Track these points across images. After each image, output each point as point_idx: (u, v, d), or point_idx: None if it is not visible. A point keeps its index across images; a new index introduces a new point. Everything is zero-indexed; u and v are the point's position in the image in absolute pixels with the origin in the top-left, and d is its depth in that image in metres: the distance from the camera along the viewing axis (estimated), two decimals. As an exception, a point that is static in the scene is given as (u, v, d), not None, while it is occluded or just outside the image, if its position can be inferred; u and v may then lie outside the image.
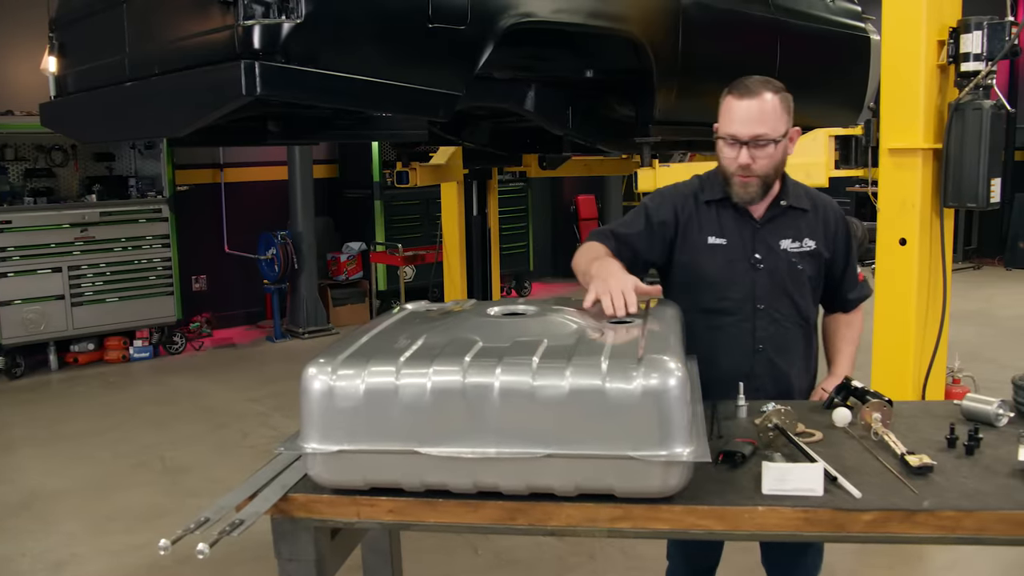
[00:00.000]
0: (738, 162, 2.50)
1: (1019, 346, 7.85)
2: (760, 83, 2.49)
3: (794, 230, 2.63)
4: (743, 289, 2.61)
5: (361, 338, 2.10)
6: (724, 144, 2.53)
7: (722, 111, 2.53)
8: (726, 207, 2.64)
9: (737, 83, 2.52)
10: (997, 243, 12.52)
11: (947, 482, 1.94)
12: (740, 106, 2.47)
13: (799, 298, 2.64)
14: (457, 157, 6.88)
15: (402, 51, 3.34)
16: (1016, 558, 3.89)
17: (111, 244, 7.92)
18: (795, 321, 2.65)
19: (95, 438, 5.98)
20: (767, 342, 2.62)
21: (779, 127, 2.48)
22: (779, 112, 2.48)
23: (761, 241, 2.62)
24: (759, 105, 2.45)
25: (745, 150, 2.47)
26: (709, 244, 2.64)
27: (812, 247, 2.63)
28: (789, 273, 2.62)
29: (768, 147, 2.47)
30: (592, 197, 12.35)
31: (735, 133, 2.48)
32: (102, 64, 3.75)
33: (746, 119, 2.45)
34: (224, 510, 1.89)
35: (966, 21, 4.34)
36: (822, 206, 2.68)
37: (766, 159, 2.49)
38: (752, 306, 2.61)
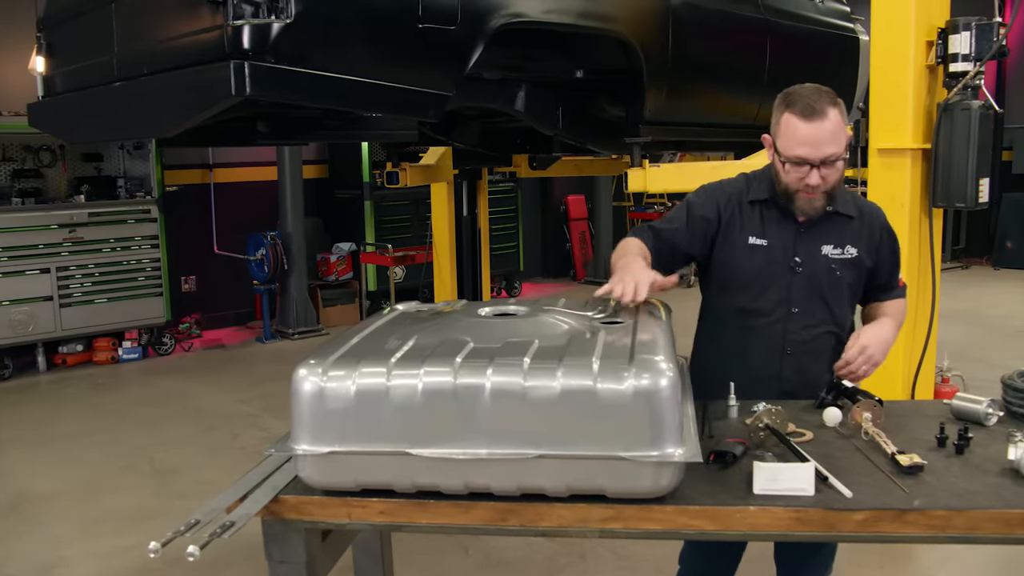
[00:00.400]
0: (807, 183, 2.45)
1: (1007, 345, 7.88)
2: (819, 97, 2.40)
3: (837, 236, 2.58)
4: (779, 291, 2.58)
5: (352, 339, 2.09)
6: (791, 166, 2.46)
7: (783, 130, 2.45)
8: (770, 207, 2.61)
9: (796, 98, 2.42)
10: (985, 243, 12.58)
11: (937, 481, 1.94)
12: (808, 128, 2.39)
13: (835, 304, 2.59)
14: (447, 157, 6.87)
15: (392, 51, 3.33)
16: (1005, 556, 3.91)
17: (100, 245, 7.88)
18: (829, 327, 2.60)
19: (84, 440, 5.95)
20: (797, 346, 2.58)
21: (843, 141, 2.43)
22: (842, 126, 2.42)
23: (803, 244, 2.58)
24: (829, 125, 2.38)
25: (815, 171, 2.43)
26: (750, 244, 2.61)
27: (854, 255, 2.58)
28: (828, 279, 2.58)
29: (837, 164, 2.44)
30: (582, 197, 12.36)
31: (805, 156, 2.41)
32: (91, 64, 3.73)
33: (816, 141, 2.39)
34: (214, 512, 1.88)
35: (954, 22, 4.36)
36: (868, 214, 2.63)
37: (835, 174, 2.46)
38: (787, 309, 2.58)
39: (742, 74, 5.31)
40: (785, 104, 2.45)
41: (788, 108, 2.44)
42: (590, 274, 12.18)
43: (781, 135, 2.47)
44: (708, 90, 5.13)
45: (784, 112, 2.45)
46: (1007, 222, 12.39)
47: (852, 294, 2.64)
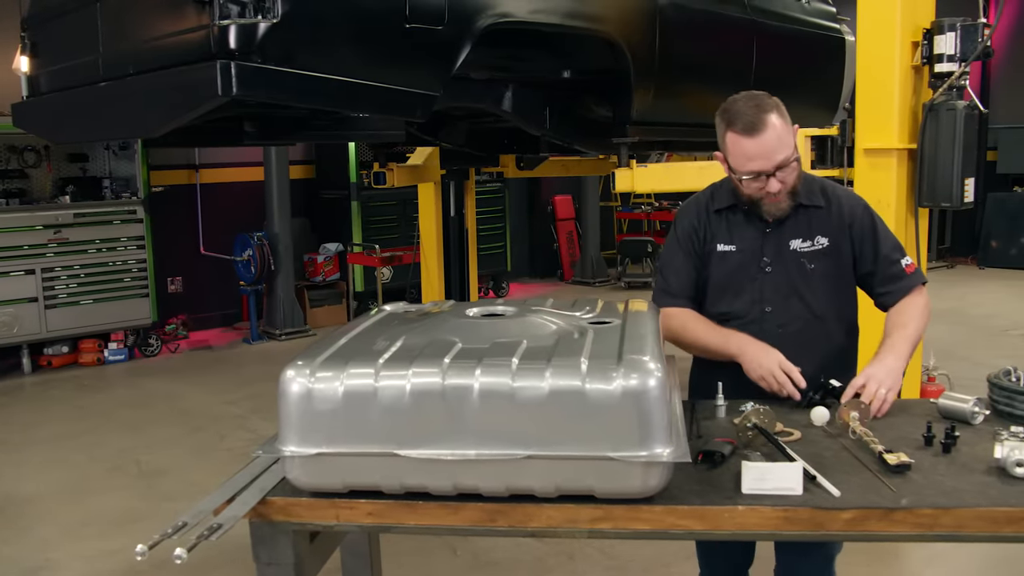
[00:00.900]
0: (768, 190, 2.49)
1: (992, 344, 7.93)
2: (756, 109, 2.42)
3: (805, 229, 2.59)
4: (752, 293, 2.61)
5: (339, 340, 2.08)
6: (748, 181, 2.49)
7: (731, 149, 2.49)
8: (735, 213, 2.65)
9: (735, 116, 2.45)
10: (970, 242, 12.66)
11: (925, 480, 1.95)
12: (753, 144, 2.43)
13: (811, 298, 2.59)
14: (434, 158, 6.86)
15: (379, 51, 3.32)
16: (992, 555, 3.92)
17: (85, 246, 7.85)
18: (808, 321, 2.60)
19: (69, 442, 5.92)
20: (774, 343, 2.57)
21: (791, 141, 2.47)
22: (787, 128, 2.46)
23: (770, 244, 2.61)
24: (771, 134, 2.42)
25: (772, 180, 2.47)
26: (719, 252, 2.66)
27: (824, 244, 2.58)
28: (798, 273, 2.59)
29: (791, 166, 2.48)
30: (569, 197, 12.37)
31: (759, 170, 2.45)
32: (76, 64, 3.70)
33: (765, 153, 2.43)
34: (202, 514, 1.87)
35: (940, 23, 4.38)
36: (836, 200, 2.63)
37: (791, 174, 2.50)
38: (760, 309, 2.61)
39: (729, 74, 5.32)
40: (725, 123, 2.48)
41: (729, 127, 2.47)
42: (577, 274, 12.19)
43: (730, 154, 2.51)
44: (695, 90, 5.13)
45: (727, 132, 2.48)
46: (992, 222, 12.47)
47: (835, 284, 2.62)
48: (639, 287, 11.46)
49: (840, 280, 2.64)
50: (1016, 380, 2.41)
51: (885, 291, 2.64)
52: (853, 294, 2.70)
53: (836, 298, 2.64)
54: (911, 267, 2.63)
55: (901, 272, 2.62)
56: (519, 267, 12.01)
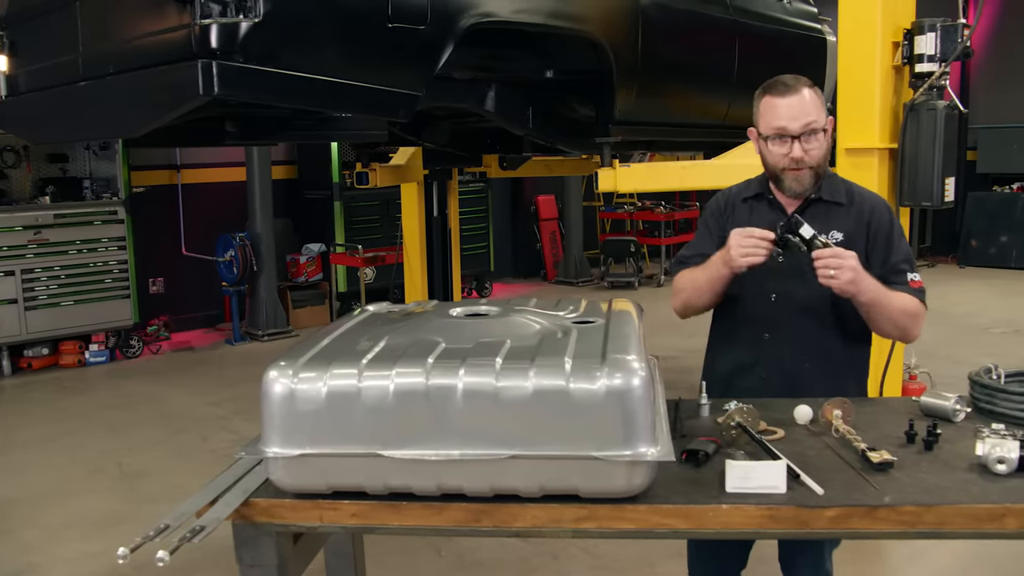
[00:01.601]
0: (791, 156, 2.53)
1: (973, 342, 7.99)
2: (794, 79, 2.54)
3: (822, 222, 2.58)
4: (759, 279, 2.61)
5: (322, 340, 2.08)
6: (773, 142, 2.55)
7: (763, 112, 2.57)
8: (760, 201, 2.70)
9: (771, 84, 2.56)
10: (950, 241, 12.75)
11: (907, 477, 1.96)
12: (783, 103, 2.51)
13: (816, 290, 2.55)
14: (417, 158, 6.84)
15: (362, 51, 3.31)
16: (974, 552, 3.95)
17: (65, 247, 7.78)
18: (810, 313, 2.60)
19: (50, 444, 5.87)
20: (774, 331, 2.61)
21: (823, 116, 2.52)
22: (819, 103, 2.53)
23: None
24: (802, 99, 2.50)
25: (797, 144, 2.51)
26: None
27: (839, 239, 2.57)
28: (808, 265, 2.55)
29: (818, 135, 2.52)
30: (552, 197, 12.38)
31: (784, 127, 2.51)
32: (55, 63, 3.67)
33: (793, 113, 2.50)
34: (184, 516, 1.86)
35: (920, 23, 4.40)
36: (860, 199, 2.65)
37: (817, 149, 2.53)
38: (766, 296, 2.63)
39: (711, 74, 5.34)
40: (763, 91, 2.60)
41: (765, 92, 2.58)
42: (560, 274, 12.20)
43: (761, 117, 2.59)
44: (678, 90, 5.15)
45: (762, 97, 2.59)
46: (972, 221, 12.57)
47: None
48: (622, 287, 11.48)
49: None
50: (996, 378, 2.44)
51: None
52: None
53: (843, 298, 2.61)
54: (917, 283, 2.63)
55: (904, 283, 2.61)
56: (502, 267, 12.01)
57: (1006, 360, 2.63)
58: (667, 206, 12.14)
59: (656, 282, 11.72)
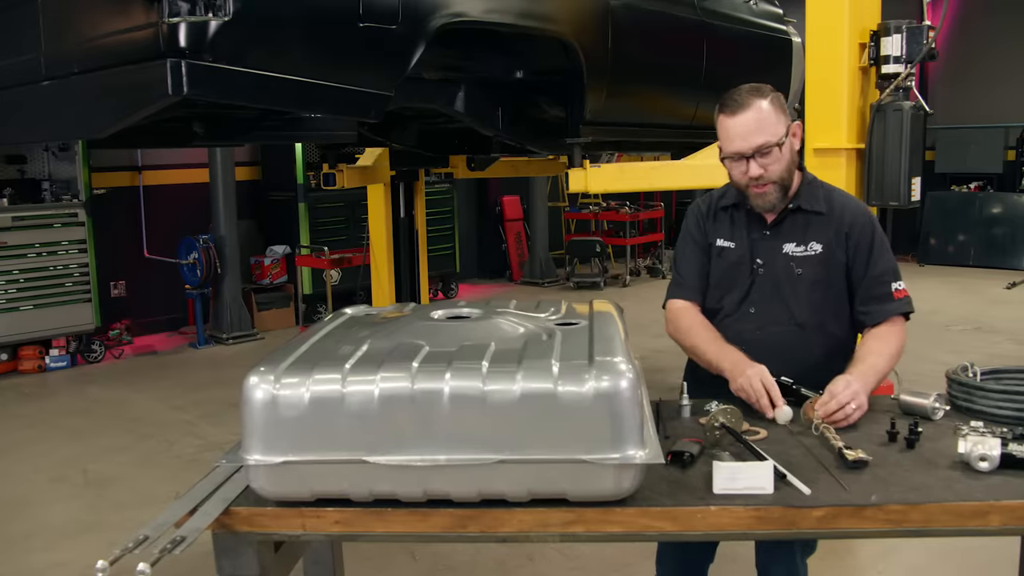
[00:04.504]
0: (749, 175, 2.50)
1: (936, 339, 8.09)
2: (748, 93, 2.48)
3: (801, 233, 2.59)
4: (741, 292, 2.62)
5: (302, 345, 2.04)
6: (731, 163, 2.53)
7: (719, 132, 2.54)
8: (740, 211, 2.67)
9: (726, 100, 2.51)
10: (910, 240, 12.92)
11: (891, 476, 1.97)
12: (735, 122, 2.47)
13: (795, 304, 2.58)
14: (384, 159, 6.80)
15: (332, 50, 3.27)
16: (943, 548, 3.97)
17: (24, 250, 7.61)
18: (787, 327, 2.60)
19: (11, 453, 5.74)
20: (752, 345, 2.56)
21: (779, 130, 2.47)
22: (775, 115, 2.47)
23: (766, 246, 2.62)
24: (754, 115, 2.45)
25: (753, 163, 2.48)
26: (718, 247, 2.69)
27: (818, 250, 2.57)
28: (787, 277, 2.59)
29: (773, 152, 2.47)
30: (517, 198, 12.37)
31: (737, 150, 2.48)
32: (15, 62, 3.59)
33: (744, 133, 2.46)
34: (163, 527, 1.81)
35: (886, 25, 4.45)
36: (840, 207, 2.61)
37: (775, 164, 2.49)
38: (745, 309, 2.62)
39: (680, 75, 5.36)
40: (719, 107, 2.55)
41: (720, 111, 2.54)
42: (526, 275, 12.19)
43: (719, 137, 2.56)
44: (647, 91, 5.16)
45: (718, 116, 2.54)
46: (931, 220, 12.76)
47: (823, 294, 2.59)
48: (588, 287, 11.49)
49: (830, 291, 2.60)
50: (973, 376, 2.46)
51: (866, 310, 2.61)
52: (844, 310, 2.64)
53: (823, 309, 2.61)
54: (901, 293, 2.61)
55: (888, 295, 2.59)
56: (468, 268, 11.97)
57: (968, 357, 2.67)
58: (632, 207, 12.18)
59: (621, 282, 11.76)
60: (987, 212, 12.56)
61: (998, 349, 7.75)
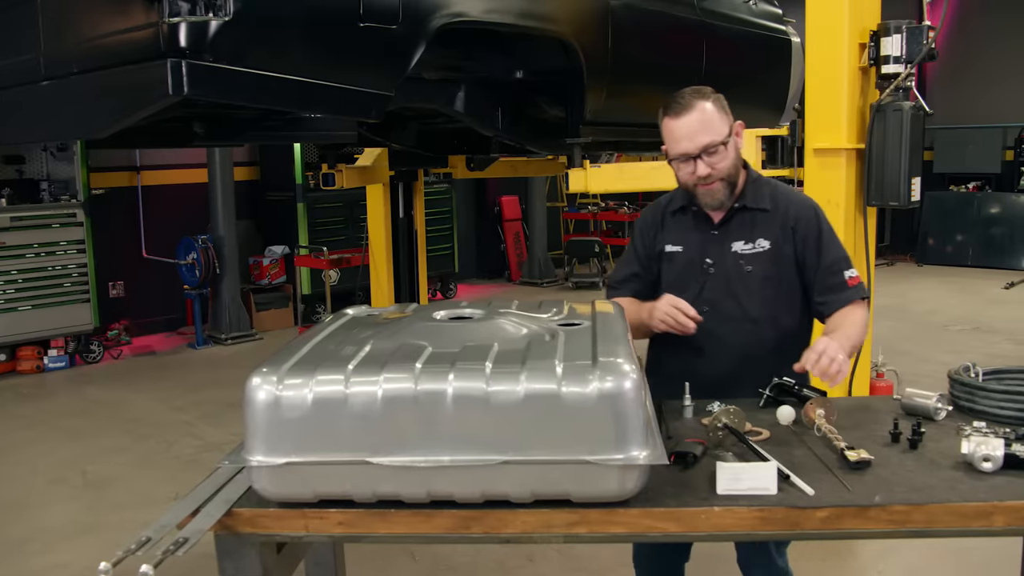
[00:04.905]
0: (697, 175, 2.54)
1: (934, 339, 8.11)
2: (691, 94, 2.54)
3: (748, 231, 2.63)
4: (694, 293, 2.64)
5: (304, 346, 2.04)
6: (678, 164, 2.57)
7: (665, 134, 2.59)
8: (687, 214, 2.71)
9: (670, 103, 2.56)
10: (909, 240, 12.93)
11: (895, 476, 1.97)
12: (680, 124, 2.52)
13: (747, 300, 2.62)
14: (383, 159, 6.79)
15: (333, 50, 3.27)
16: (943, 549, 3.98)
17: (23, 250, 7.61)
18: (741, 323, 2.62)
19: (9, 454, 5.74)
20: (709, 343, 2.61)
21: (723, 129, 2.53)
22: (718, 115, 2.53)
23: (715, 245, 2.66)
24: (698, 116, 2.51)
25: (700, 162, 2.53)
26: (668, 252, 2.73)
27: (765, 247, 2.61)
28: (736, 275, 2.62)
29: (720, 151, 2.52)
30: (516, 198, 12.36)
31: (684, 151, 2.53)
32: (14, 62, 3.58)
33: (690, 134, 2.51)
34: (166, 528, 1.81)
35: (886, 25, 4.45)
36: (784, 203, 2.65)
37: (722, 162, 2.54)
38: (698, 308, 2.61)
39: (680, 75, 5.30)
40: (662, 111, 2.59)
41: (664, 114, 2.59)
42: (525, 275, 12.19)
43: (665, 139, 2.61)
44: (647, 91, 5.14)
45: (663, 118, 2.59)
46: (930, 220, 12.77)
47: (774, 289, 2.62)
48: (587, 287, 11.49)
49: (780, 286, 2.63)
50: (975, 376, 2.46)
51: (823, 300, 2.62)
52: (796, 303, 2.66)
53: (774, 304, 2.64)
54: (854, 280, 2.61)
55: (843, 283, 2.60)
56: (466, 268, 11.96)
57: (967, 357, 2.68)
58: (631, 206, 12.18)
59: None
60: (985, 212, 12.57)
61: (996, 349, 7.76)
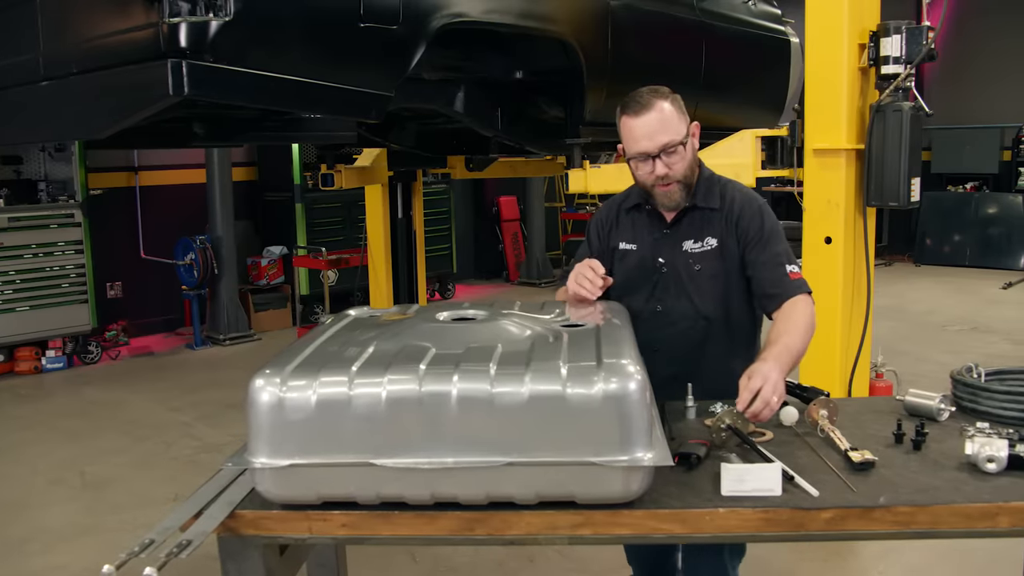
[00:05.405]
0: (655, 175, 2.54)
1: (932, 339, 8.11)
2: (649, 94, 2.53)
3: (698, 230, 2.63)
4: (647, 292, 2.66)
5: (307, 348, 2.03)
6: (636, 163, 2.57)
7: (623, 133, 2.58)
8: (641, 212, 2.72)
9: (628, 102, 2.55)
10: (907, 240, 12.93)
11: (899, 477, 1.97)
12: (639, 123, 2.50)
13: (698, 298, 2.60)
14: (382, 159, 6.79)
15: (333, 51, 3.27)
16: (942, 549, 3.98)
17: (20, 251, 7.59)
18: (694, 321, 2.62)
19: (8, 454, 5.72)
20: (663, 343, 2.59)
21: (681, 129, 2.52)
22: (676, 115, 2.52)
23: (667, 245, 2.66)
24: (657, 115, 2.49)
25: (658, 162, 2.52)
26: (621, 250, 2.74)
27: (713, 245, 2.61)
28: (687, 274, 2.62)
29: (678, 151, 2.52)
30: (514, 198, 12.35)
31: (643, 150, 2.52)
32: (13, 63, 3.57)
33: (649, 133, 2.50)
34: (169, 530, 1.81)
35: (885, 25, 4.45)
36: (731, 200, 2.64)
37: (680, 162, 2.54)
38: (652, 308, 2.64)
39: (679, 75, 5.34)
40: (620, 110, 2.58)
41: (622, 112, 2.58)
42: (523, 275, 12.18)
43: (623, 139, 2.60)
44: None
45: (621, 117, 2.58)
46: (927, 220, 12.77)
47: (723, 286, 2.61)
48: (585, 287, 11.46)
49: (729, 282, 2.63)
50: (978, 377, 2.46)
51: (767, 293, 2.57)
52: (745, 296, 2.65)
53: (724, 301, 2.63)
54: (795, 275, 2.57)
55: (783, 277, 2.55)
56: (464, 268, 11.96)
57: (965, 357, 2.68)
58: (629, 207, 12.15)
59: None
60: (983, 212, 12.57)
61: (994, 349, 7.76)
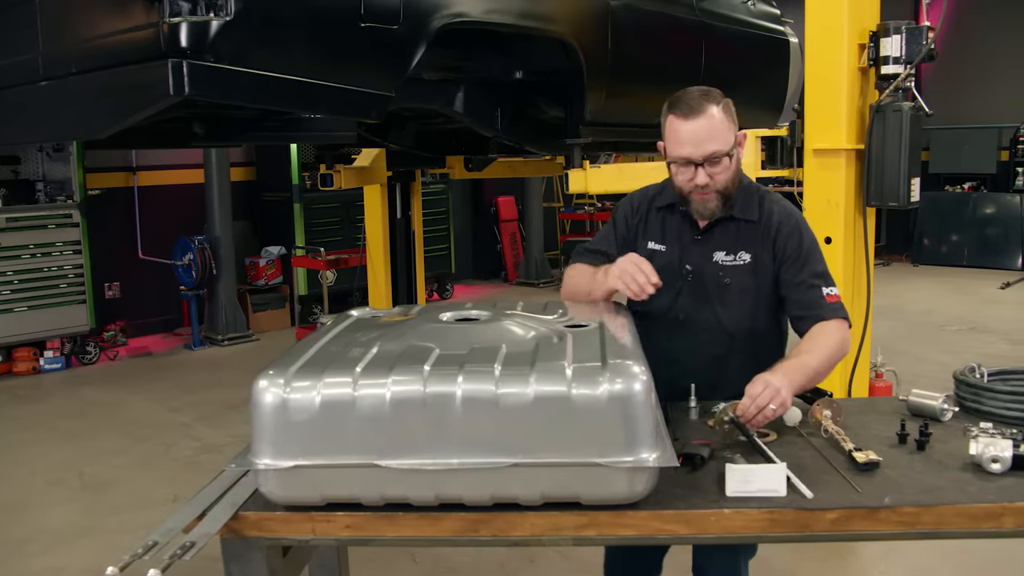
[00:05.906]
0: (695, 183, 2.43)
1: (931, 339, 8.11)
2: (701, 97, 2.40)
3: (732, 242, 2.53)
4: (670, 297, 2.54)
5: (310, 348, 2.03)
6: (677, 167, 2.46)
7: (668, 132, 2.45)
8: (674, 213, 2.60)
9: (678, 101, 2.43)
10: (905, 240, 12.94)
11: (903, 478, 1.97)
12: (688, 127, 2.38)
13: (723, 312, 2.52)
14: (381, 159, 6.78)
15: (333, 51, 3.26)
16: (942, 550, 3.98)
17: (18, 251, 7.57)
18: (716, 335, 2.54)
19: (7, 455, 5.71)
20: (681, 354, 2.52)
21: (729, 139, 2.41)
22: (727, 123, 2.41)
23: (697, 251, 2.56)
24: (707, 122, 2.37)
25: (701, 171, 2.41)
26: (649, 248, 2.62)
27: (747, 260, 2.51)
28: (715, 286, 2.52)
29: (723, 161, 2.41)
30: (512, 198, 12.35)
31: (688, 156, 2.40)
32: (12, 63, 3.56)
33: (696, 139, 2.38)
34: (172, 532, 1.80)
35: (885, 25, 4.45)
36: (767, 216, 2.53)
37: (723, 174, 2.43)
38: (674, 315, 2.55)
39: (679, 75, 5.34)
40: (669, 107, 2.46)
41: (671, 110, 2.45)
42: (521, 275, 12.18)
43: (667, 138, 2.48)
44: (646, 91, 5.14)
45: (668, 115, 2.46)
46: (925, 220, 12.78)
47: (752, 302, 2.53)
48: (584, 287, 11.46)
49: (759, 299, 2.54)
50: (980, 377, 2.46)
51: (800, 315, 2.49)
52: (774, 312, 2.57)
53: (752, 317, 2.54)
54: (832, 298, 2.46)
55: (820, 299, 2.46)
56: (463, 269, 11.96)
57: (964, 357, 2.67)
58: (627, 207, 12.14)
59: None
60: (981, 212, 12.59)
61: (993, 349, 7.77)
